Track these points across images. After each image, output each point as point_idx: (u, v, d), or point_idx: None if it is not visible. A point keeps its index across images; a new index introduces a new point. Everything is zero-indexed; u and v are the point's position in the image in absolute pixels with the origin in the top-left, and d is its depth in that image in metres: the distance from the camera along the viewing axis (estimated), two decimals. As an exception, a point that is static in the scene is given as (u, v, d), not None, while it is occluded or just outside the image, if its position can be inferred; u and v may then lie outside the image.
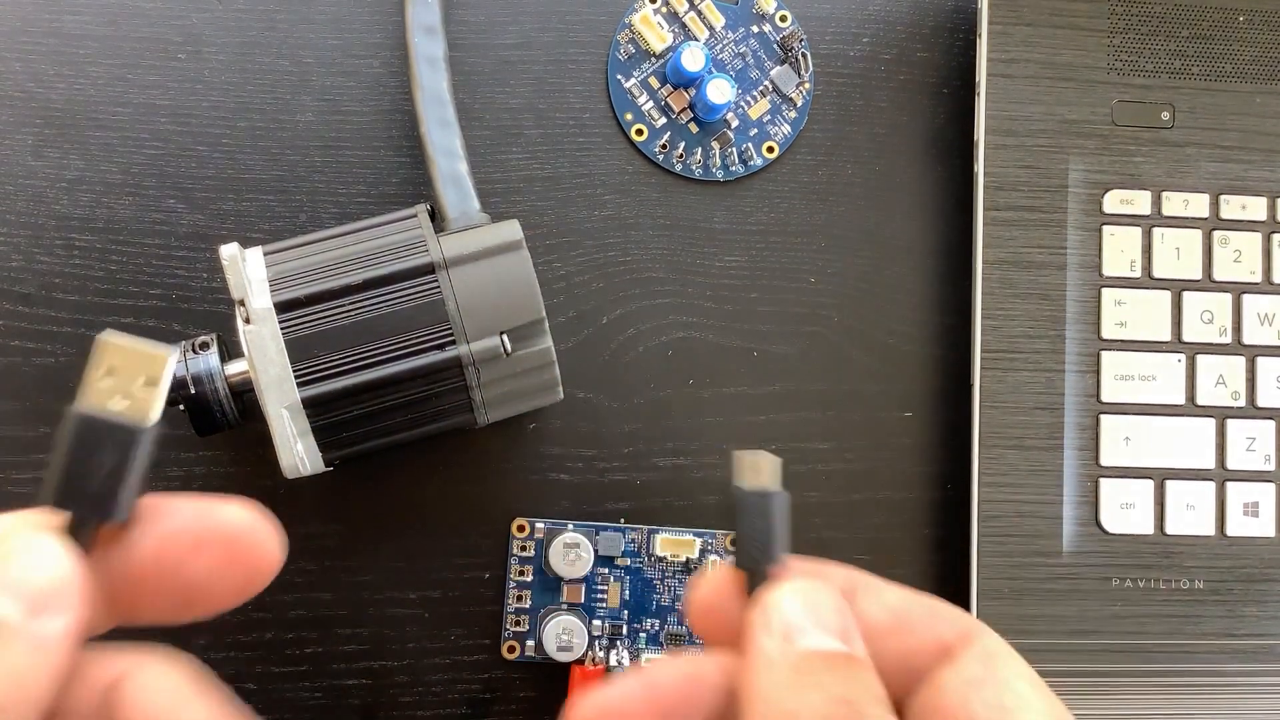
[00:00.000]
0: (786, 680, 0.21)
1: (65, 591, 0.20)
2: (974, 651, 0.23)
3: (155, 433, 0.20)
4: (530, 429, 0.38)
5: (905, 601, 0.24)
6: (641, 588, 0.37)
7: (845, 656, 0.22)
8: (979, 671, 0.22)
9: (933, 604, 0.24)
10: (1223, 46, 0.39)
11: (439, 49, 0.35)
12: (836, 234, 0.39)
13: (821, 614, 0.22)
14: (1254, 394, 0.38)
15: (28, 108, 0.37)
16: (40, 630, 0.19)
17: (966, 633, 0.23)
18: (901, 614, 0.23)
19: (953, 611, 0.24)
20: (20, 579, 0.19)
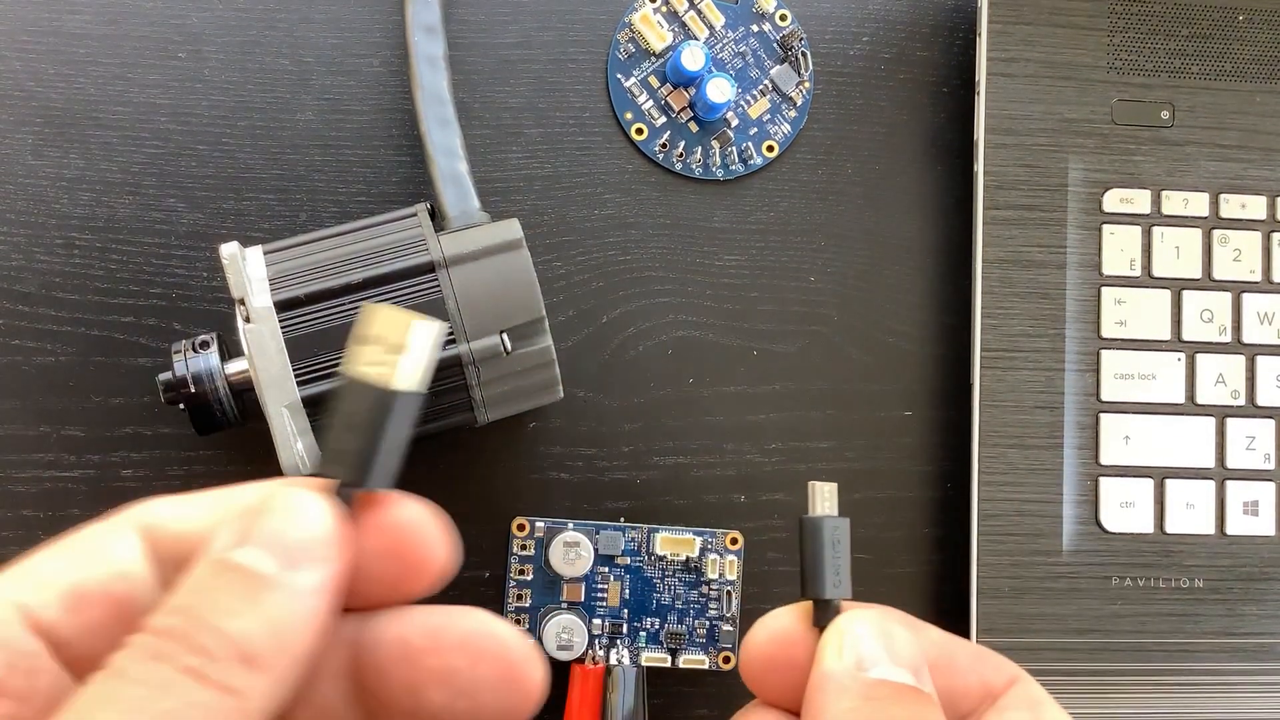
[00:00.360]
0: (855, 707, 0.21)
1: (323, 546, 0.20)
2: (1018, 696, 0.23)
3: (416, 402, 0.20)
4: (530, 428, 0.38)
5: (951, 642, 0.24)
6: (642, 587, 0.37)
7: (914, 691, 0.22)
8: (1025, 717, 0.23)
9: (978, 648, 0.24)
10: (1223, 46, 0.39)
11: (439, 48, 0.35)
12: (836, 233, 0.39)
13: (895, 646, 0.22)
14: (1254, 393, 0.38)
15: (28, 107, 0.37)
16: (297, 582, 0.19)
17: (1012, 678, 0.23)
18: (948, 654, 0.24)
19: (997, 657, 0.24)
20: (277, 531, 0.19)
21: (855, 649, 0.22)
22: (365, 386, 0.20)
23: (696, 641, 0.37)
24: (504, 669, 0.21)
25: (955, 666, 0.23)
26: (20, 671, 0.19)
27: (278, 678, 0.19)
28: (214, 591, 0.19)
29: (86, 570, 0.20)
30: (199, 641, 0.18)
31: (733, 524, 0.38)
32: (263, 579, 0.19)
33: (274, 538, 0.19)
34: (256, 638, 0.18)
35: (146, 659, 0.18)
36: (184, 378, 0.32)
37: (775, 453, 0.39)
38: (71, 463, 0.36)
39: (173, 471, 0.37)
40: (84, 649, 0.20)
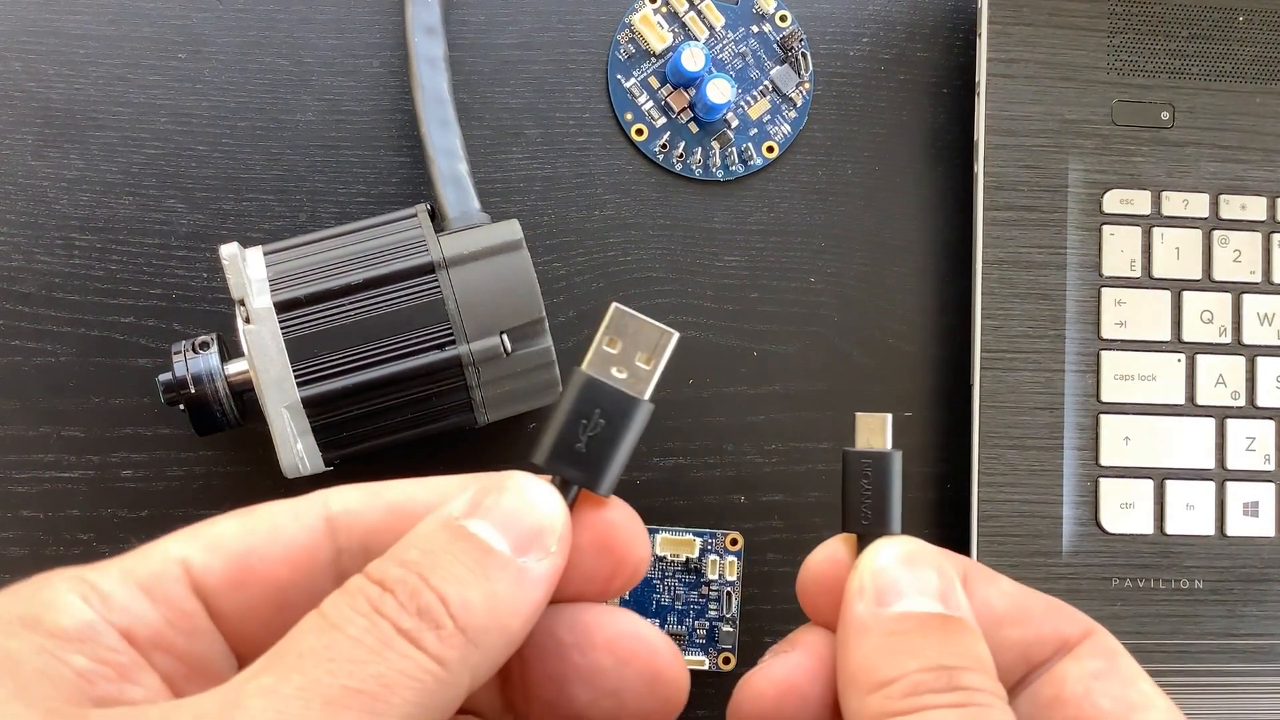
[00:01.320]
0: (880, 647, 0.20)
1: (554, 537, 0.20)
2: (1095, 646, 0.22)
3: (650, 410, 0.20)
4: (530, 429, 0.38)
5: (1024, 593, 0.23)
6: (642, 587, 0.37)
7: (942, 619, 0.21)
8: (1102, 666, 0.22)
9: (1051, 599, 0.23)
10: (1223, 46, 0.39)
11: (439, 49, 0.35)
12: (836, 234, 0.39)
13: (919, 574, 0.21)
14: (1254, 394, 0.38)
15: (28, 108, 0.37)
16: (527, 568, 0.19)
17: (1088, 629, 0.23)
18: (1021, 604, 0.23)
19: (1072, 609, 0.23)
20: (514, 512, 0.19)
21: (875, 584, 0.21)
22: (609, 390, 0.20)
23: (696, 642, 0.37)
24: (650, 673, 0.21)
25: (1029, 617, 0.23)
26: (181, 631, 0.19)
27: (487, 659, 0.19)
28: (444, 554, 0.19)
29: (261, 547, 0.20)
30: (424, 602, 0.18)
31: (733, 525, 0.38)
32: (496, 556, 0.19)
33: (510, 518, 0.19)
34: (479, 613, 0.18)
35: (368, 610, 0.18)
36: (184, 378, 0.32)
37: (775, 453, 0.39)
38: (71, 463, 0.36)
39: (173, 472, 0.37)
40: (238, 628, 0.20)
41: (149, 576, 0.19)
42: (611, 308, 0.21)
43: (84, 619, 0.18)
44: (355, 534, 0.20)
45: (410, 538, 0.19)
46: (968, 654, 0.20)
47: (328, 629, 0.18)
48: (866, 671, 0.20)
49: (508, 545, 0.19)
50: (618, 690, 0.21)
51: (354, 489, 0.21)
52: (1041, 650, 0.22)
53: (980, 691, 0.20)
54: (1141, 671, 0.22)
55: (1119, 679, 0.22)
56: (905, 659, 0.20)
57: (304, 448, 0.32)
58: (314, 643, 0.17)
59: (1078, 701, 0.21)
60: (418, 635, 0.17)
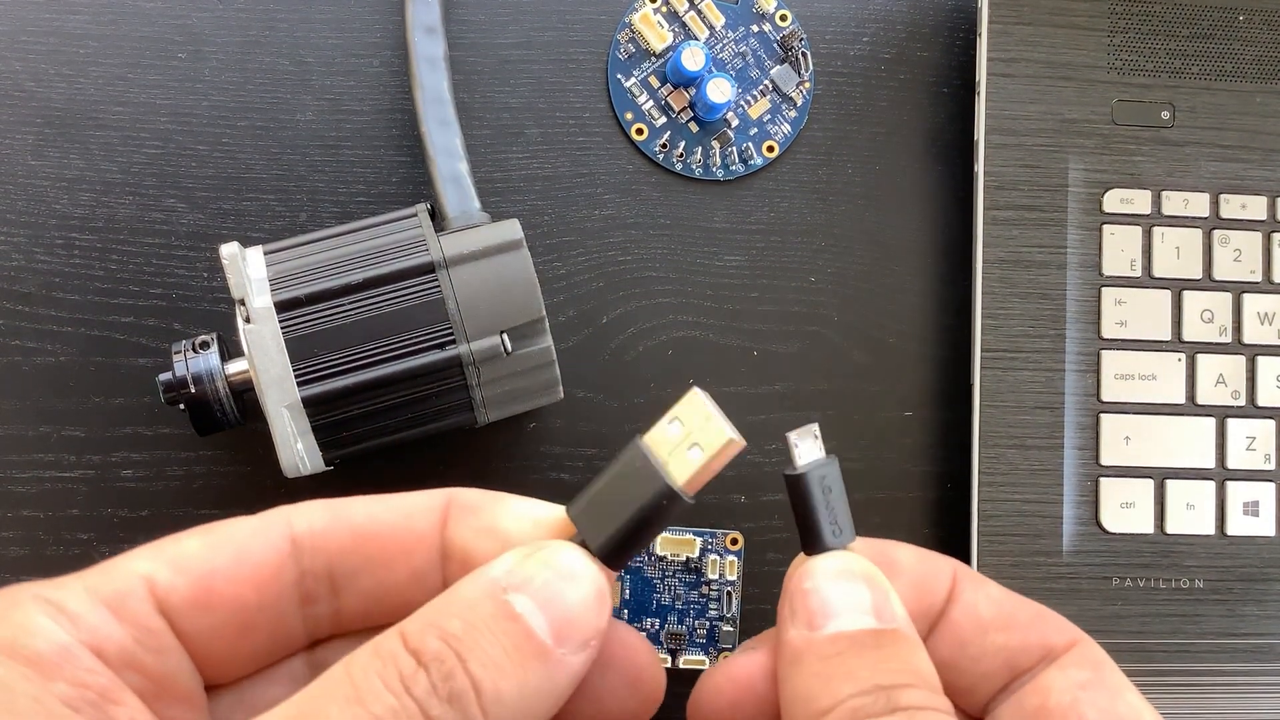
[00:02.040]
0: (815, 673, 0.20)
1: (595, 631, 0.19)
2: (1081, 656, 0.22)
3: (681, 505, 0.19)
4: (530, 429, 0.38)
5: (1012, 599, 0.23)
6: (642, 587, 0.37)
7: (876, 634, 0.20)
8: (1089, 677, 0.21)
9: (1039, 607, 0.23)
10: (1223, 46, 0.39)
11: (439, 49, 0.35)
12: (836, 234, 0.39)
13: (849, 588, 0.20)
14: (1254, 393, 0.38)
15: (28, 108, 0.37)
16: (566, 661, 0.19)
17: (1073, 639, 0.23)
18: (1008, 611, 0.23)
19: (1059, 618, 0.23)
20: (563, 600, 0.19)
21: (804, 607, 0.20)
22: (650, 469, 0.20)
23: (697, 642, 0.37)
24: (631, 677, 0.21)
25: (1015, 623, 0.23)
26: (150, 649, 0.19)
27: None
28: (486, 632, 0.18)
29: (225, 567, 0.20)
30: (457, 687, 0.17)
31: (733, 524, 0.38)
32: (536, 643, 0.18)
33: (559, 604, 0.19)
34: (509, 707, 0.18)
35: (399, 687, 0.17)
36: (184, 378, 0.32)
37: (775, 453, 0.39)
38: (71, 463, 0.36)
39: (173, 472, 0.37)
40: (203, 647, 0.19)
41: (114, 595, 0.19)
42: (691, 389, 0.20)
43: (59, 642, 0.18)
44: (320, 557, 0.20)
45: (454, 603, 0.19)
46: (905, 669, 0.20)
47: (353, 701, 0.17)
48: (804, 701, 0.20)
49: (549, 632, 0.18)
50: (599, 695, 0.21)
51: (318, 506, 0.21)
52: (1026, 658, 0.22)
53: (922, 710, 0.19)
54: (1128, 683, 0.22)
55: (1106, 691, 0.21)
56: (840, 684, 0.19)
57: (304, 447, 0.32)
58: (337, 715, 0.17)
59: (1064, 712, 0.21)
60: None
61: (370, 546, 0.20)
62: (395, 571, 0.21)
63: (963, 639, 0.23)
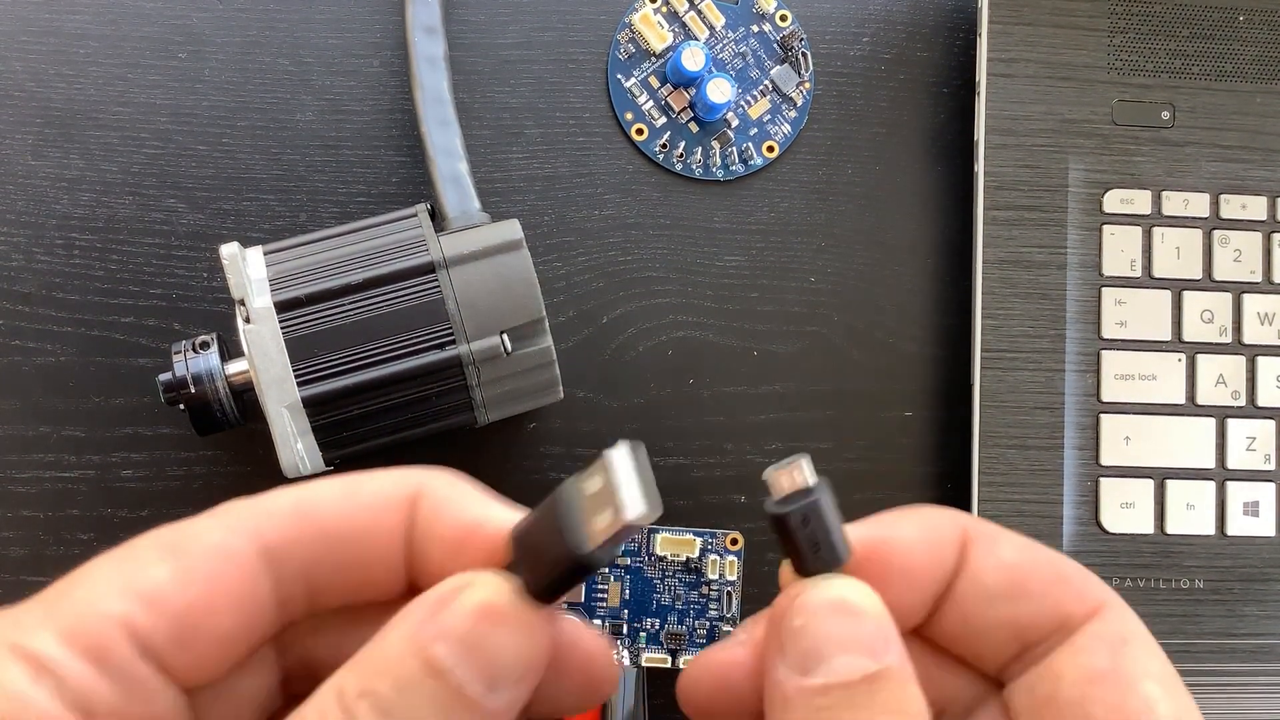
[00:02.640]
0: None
1: (530, 671, 0.19)
2: (1100, 634, 0.20)
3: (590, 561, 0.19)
4: (530, 429, 0.38)
5: (1026, 559, 0.21)
6: (642, 587, 0.37)
7: (869, 680, 0.19)
8: (1103, 663, 0.20)
9: (1059, 566, 0.21)
10: (1223, 46, 0.39)
11: (439, 49, 0.35)
12: (836, 234, 0.39)
13: (847, 625, 0.19)
14: (1254, 393, 0.38)
15: (28, 108, 0.37)
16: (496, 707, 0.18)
17: (1096, 606, 0.20)
18: (1019, 576, 0.21)
19: (1082, 577, 0.21)
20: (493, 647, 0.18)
21: (796, 648, 0.19)
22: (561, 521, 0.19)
23: (697, 642, 0.37)
24: (585, 678, 0.21)
25: (1026, 591, 0.21)
26: (140, 700, 0.18)
27: None
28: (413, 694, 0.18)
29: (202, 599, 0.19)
30: None
31: (733, 524, 0.38)
32: (468, 701, 0.18)
33: (486, 653, 0.18)
34: None
35: None
36: (184, 378, 0.32)
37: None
38: (71, 463, 0.36)
39: (173, 471, 0.37)
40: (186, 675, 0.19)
41: (95, 646, 0.18)
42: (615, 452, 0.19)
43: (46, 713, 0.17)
44: (292, 565, 0.20)
45: (382, 659, 0.18)
46: (896, 713, 0.19)
47: None
48: None
49: (479, 681, 0.18)
50: (553, 696, 0.21)
51: (286, 510, 0.20)
52: (1037, 629, 0.21)
53: None
54: (1149, 666, 0.20)
55: (1119, 683, 0.19)
56: None
57: (304, 447, 0.32)
58: None
59: (1071, 708, 0.20)
60: None
61: (341, 551, 0.20)
62: (367, 568, 0.20)
63: (966, 613, 0.21)
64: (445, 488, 0.21)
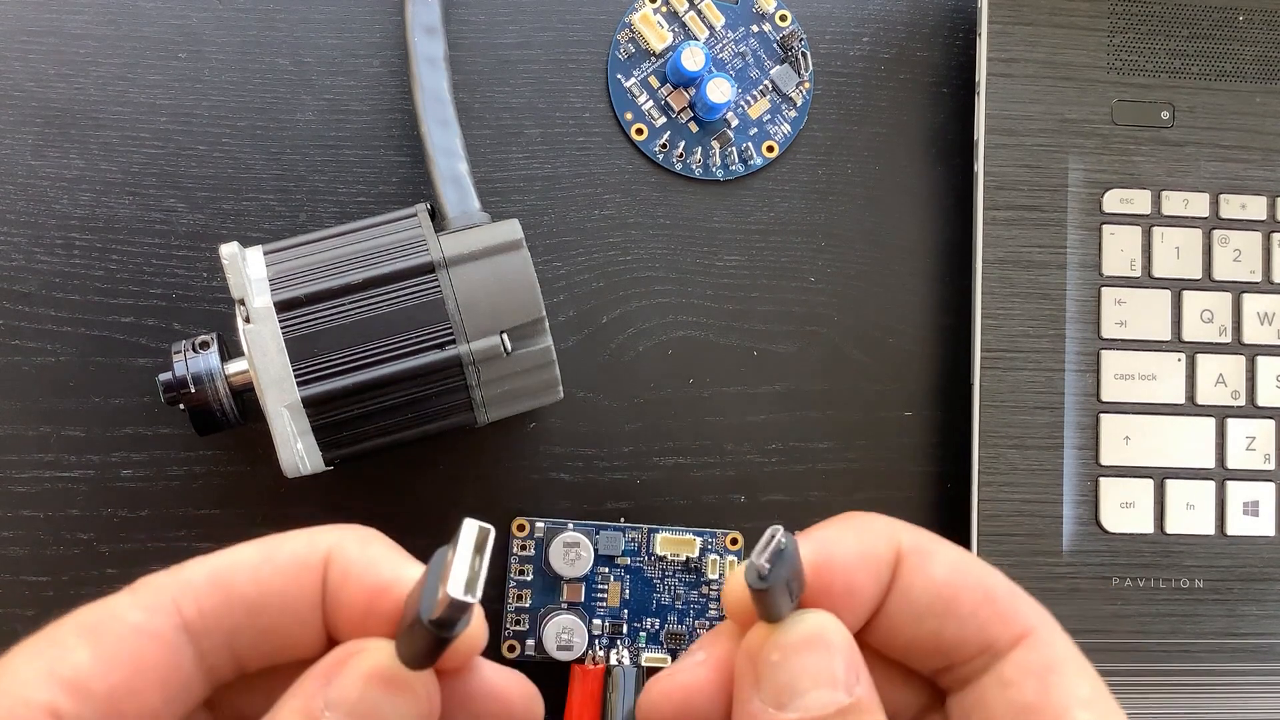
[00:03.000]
0: None
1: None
2: (1027, 664, 0.20)
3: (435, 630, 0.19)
4: (530, 428, 0.38)
5: (956, 579, 0.21)
6: (642, 587, 0.37)
7: (840, 712, 0.19)
8: (1032, 697, 0.20)
9: (989, 587, 0.21)
10: (1223, 46, 0.39)
11: (439, 49, 0.35)
12: (836, 234, 0.39)
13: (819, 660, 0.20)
14: (1254, 393, 0.38)
15: (28, 108, 0.37)
16: None
17: (1023, 631, 0.20)
18: (948, 595, 0.21)
19: (1011, 598, 0.21)
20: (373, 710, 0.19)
21: (771, 682, 0.20)
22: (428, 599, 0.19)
23: (696, 642, 0.37)
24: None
25: (953, 612, 0.21)
26: None
27: None
28: None
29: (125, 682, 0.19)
30: None
31: (733, 524, 0.38)
32: None
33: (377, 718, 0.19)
34: None
35: None
36: (184, 378, 0.32)
37: (775, 453, 0.39)
38: (71, 463, 0.36)
39: (173, 471, 0.37)
40: None
41: None
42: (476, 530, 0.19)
43: None
44: (215, 637, 0.20)
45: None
46: None
47: None
48: None
49: None
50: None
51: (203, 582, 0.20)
52: (963, 651, 0.21)
53: None
54: (1078, 692, 0.20)
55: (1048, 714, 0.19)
56: None
57: (304, 447, 0.32)
58: None
59: None
60: None
61: (260, 618, 0.20)
62: (287, 632, 0.21)
63: (895, 628, 0.21)
64: (355, 548, 0.21)
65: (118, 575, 0.36)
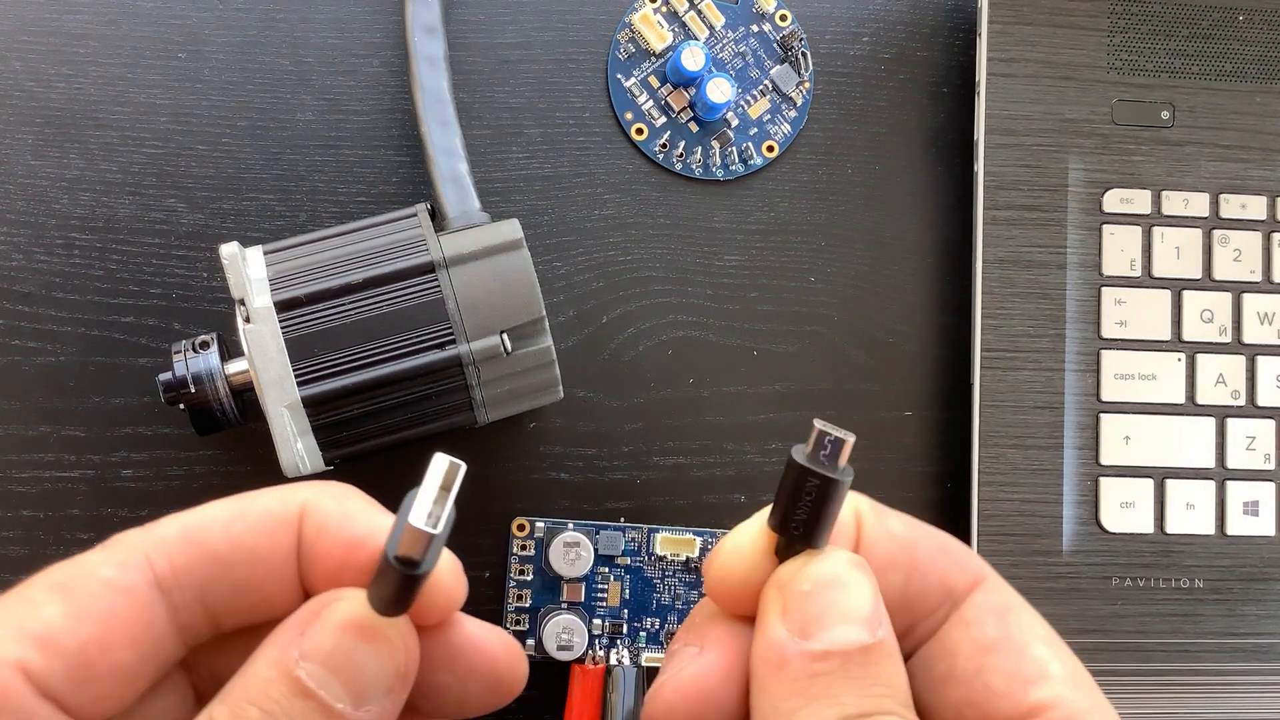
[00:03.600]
0: (798, 689, 0.19)
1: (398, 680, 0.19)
2: (985, 604, 0.21)
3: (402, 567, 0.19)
4: (530, 428, 0.38)
5: (912, 534, 0.22)
6: (642, 587, 0.37)
7: (864, 650, 0.19)
8: (994, 632, 0.20)
9: (942, 540, 0.22)
10: (1223, 46, 0.39)
11: (439, 48, 0.35)
12: (836, 234, 0.39)
13: (849, 596, 0.20)
14: (1254, 393, 0.38)
15: (28, 107, 0.37)
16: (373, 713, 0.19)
17: (977, 578, 0.21)
18: (907, 548, 0.21)
19: (963, 551, 0.22)
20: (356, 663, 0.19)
21: (799, 610, 0.20)
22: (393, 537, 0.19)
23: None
24: (491, 680, 0.21)
25: (915, 563, 0.21)
26: None
27: None
28: (283, 715, 0.18)
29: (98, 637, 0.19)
30: None
31: (733, 524, 0.38)
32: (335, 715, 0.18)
33: (352, 669, 0.19)
34: None
35: None
36: (184, 378, 0.32)
37: (775, 453, 0.39)
38: (71, 463, 0.36)
39: (172, 471, 0.37)
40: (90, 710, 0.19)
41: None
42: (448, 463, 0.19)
43: None
44: (188, 592, 0.20)
45: (251, 685, 0.18)
46: (886, 690, 0.19)
47: None
48: (783, 716, 0.19)
49: (347, 698, 0.18)
50: (460, 699, 0.21)
51: (175, 536, 0.20)
52: (925, 603, 0.21)
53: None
54: (1035, 630, 0.21)
55: (1011, 650, 0.20)
56: (824, 709, 0.19)
57: (304, 447, 0.32)
58: None
59: (969, 681, 0.20)
60: None
61: (234, 574, 0.20)
62: (262, 589, 0.21)
63: None
64: (330, 503, 0.21)
65: (118, 575, 0.36)
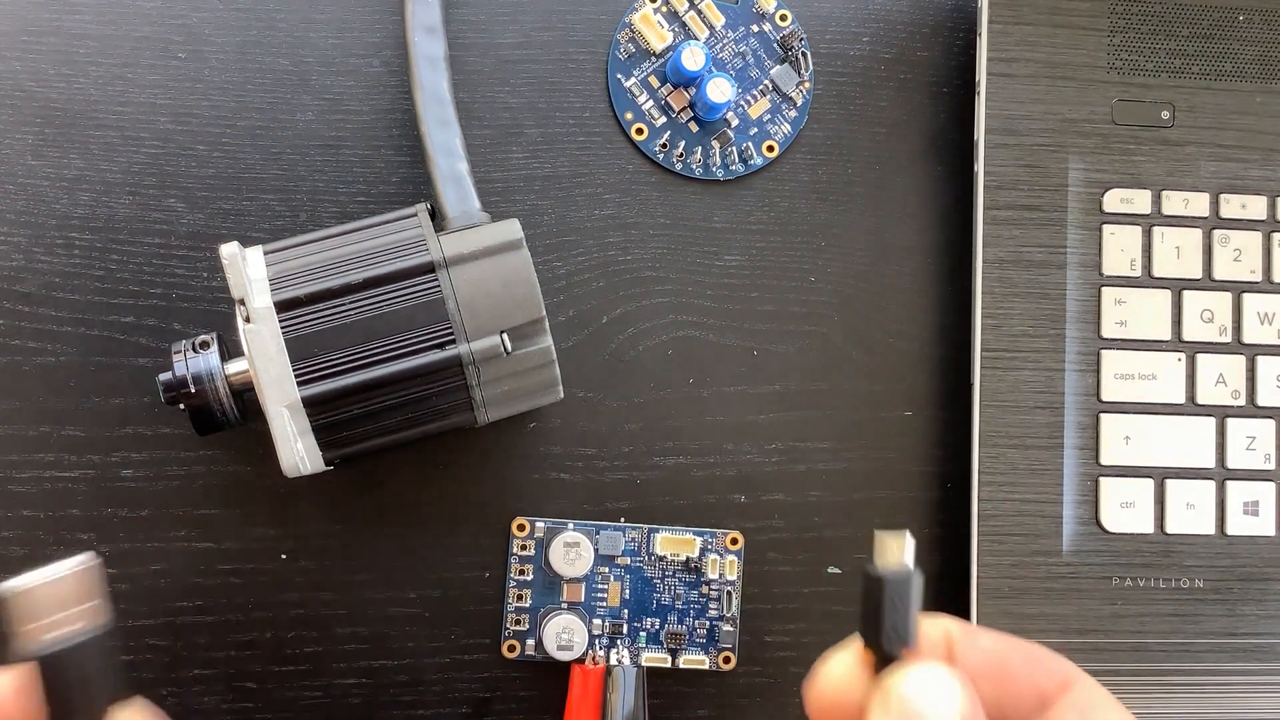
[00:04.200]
0: None
1: None
2: (1071, 704, 0.23)
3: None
4: (530, 428, 0.38)
5: (1003, 647, 0.24)
6: (642, 587, 0.37)
7: None
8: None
9: (1030, 649, 0.24)
10: (1223, 46, 0.39)
11: (439, 48, 0.35)
12: (836, 234, 0.39)
13: (947, 703, 0.22)
14: (1254, 393, 0.38)
15: (28, 107, 0.37)
16: None
17: (1065, 681, 0.23)
18: (999, 660, 0.23)
19: (1051, 658, 0.24)
20: None
21: (903, 711, 0.21)
22: None
23: (697, 642, 0.37)
24: None
25: (1007, 672, 0.23)
26: None
27: None
28: None
29: None
30: None
31: (733, 524, 0.38)
32: None
33: None
34: None
35: None
36: (184, 378, 0.32)
37: (775, 453, 0.39)
38: (71, 463, 0.36)
39: (173, 472, 0.37)
40: None
41: None
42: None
43: None
44: None
45: None
46: None
47: None
48: None
49: None
50: None
51: None
52: (1019, 708, 0.23)
53: None
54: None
55: None
56: None
57: (304, 447, 0.32)
58: None
59: None
60: None
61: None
62: None
63: None
64: None
65: (118, 575, 0.36)
